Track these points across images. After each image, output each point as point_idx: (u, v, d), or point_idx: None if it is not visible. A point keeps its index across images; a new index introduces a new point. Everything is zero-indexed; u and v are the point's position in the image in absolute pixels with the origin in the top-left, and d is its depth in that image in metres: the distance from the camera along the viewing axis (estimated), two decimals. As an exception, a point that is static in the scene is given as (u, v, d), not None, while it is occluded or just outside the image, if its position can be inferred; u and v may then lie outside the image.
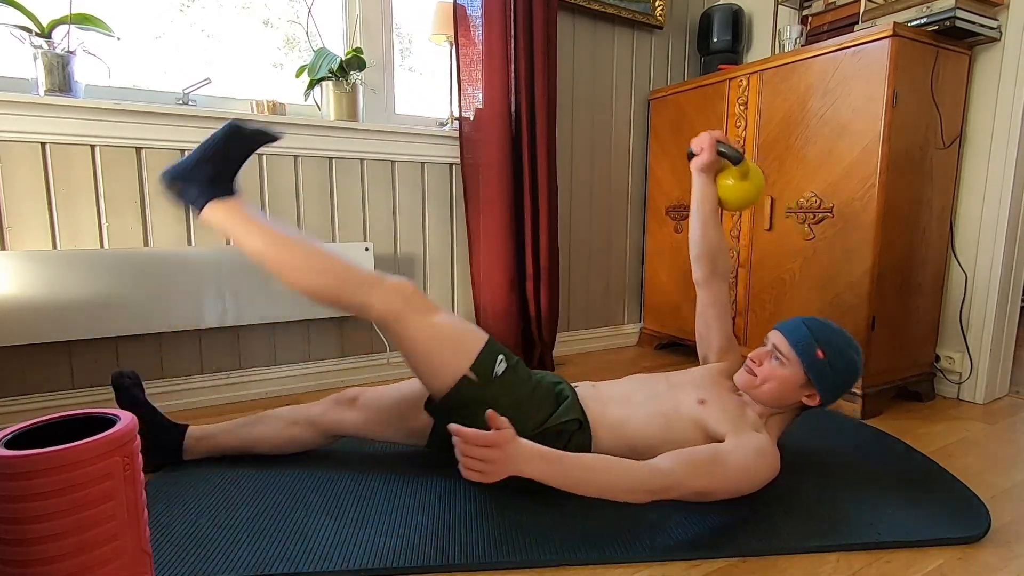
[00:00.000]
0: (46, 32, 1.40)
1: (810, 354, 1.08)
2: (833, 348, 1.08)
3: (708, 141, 1.25)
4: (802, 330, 1.11)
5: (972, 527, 1.01)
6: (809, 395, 1.10)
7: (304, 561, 0.90)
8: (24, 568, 0.60)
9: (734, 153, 1.21)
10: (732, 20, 2.25)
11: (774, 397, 1.10)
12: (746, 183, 1.24)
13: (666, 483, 0.93)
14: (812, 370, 1.07)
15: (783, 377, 1.09)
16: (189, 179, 1.09)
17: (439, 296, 2.03)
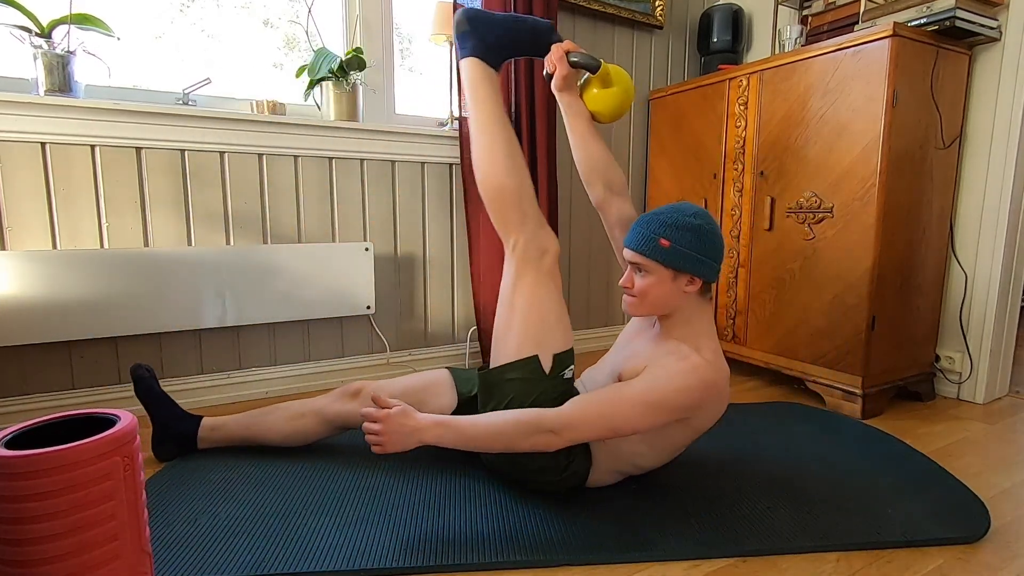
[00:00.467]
0: (46, 32, 1.40)
1: (657, 249, 1.03)
2: (674, 229, 1.03)
3: (557, 54, 1.18)
4: (638, 231, 1.06)
5: (972, 527, 1.01)
6: (689, 281, 1.04)
7: (304, 561, 0.90)
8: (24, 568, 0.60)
9: (588, 61, 1.14)
10: (732, 20, 2.25)
11: (662, 304, 1.06)
12: (612, 88, 1.17)
13: (562, 421, 0.96)
14: (669, 261, 1.03)
15: (653, 284, 1.05)
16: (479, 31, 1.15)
17: (439, 297, 2.03)
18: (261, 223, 1.71)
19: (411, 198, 1.94)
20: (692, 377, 0.98)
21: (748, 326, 1.93)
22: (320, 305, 1.74)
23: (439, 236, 2.00)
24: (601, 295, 2.41)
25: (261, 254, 1.64)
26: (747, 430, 1.47)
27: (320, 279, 1.73)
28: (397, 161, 1.89)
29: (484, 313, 1.97)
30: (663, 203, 2.30)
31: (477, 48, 1.15)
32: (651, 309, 1.07)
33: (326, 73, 1.70)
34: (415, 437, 0.96)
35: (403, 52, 2.04)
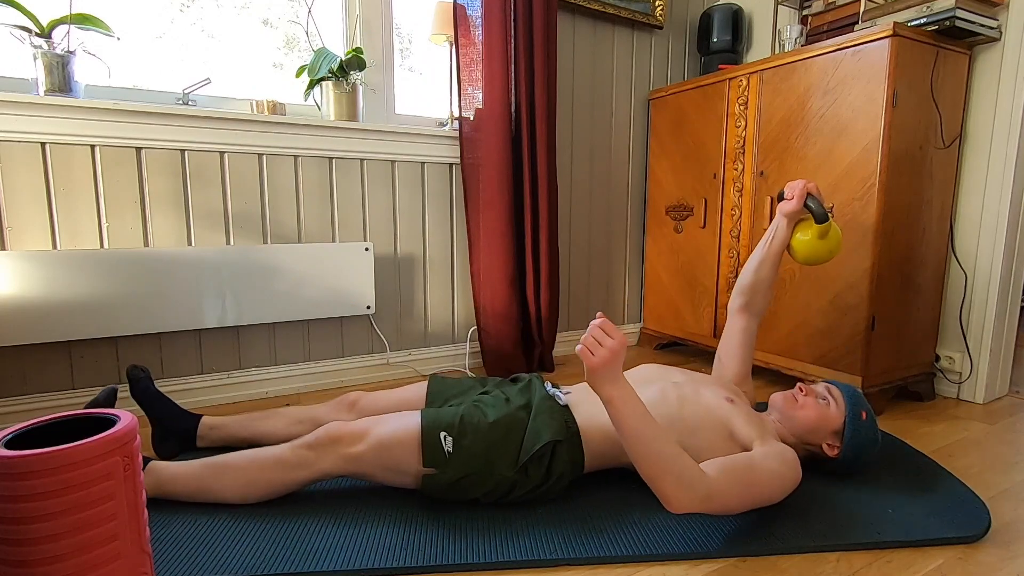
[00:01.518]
0: (46, 32, 1.40)
1: (856, 409, 1.13)
2: (872, 422, 1.14)
3: (800, 190, 1.26)
4: (856, 392, 1.17)
5: (972, 527, 1.01)
6: (831, 444, 1.13)
7: (304, 561, 0.90)
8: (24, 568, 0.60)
9: (819, 210, 1.23)
10: (732, 20, 2.25)
11: (806, 427, 1.13)
12: (821, 243, 1.24)
13: (709, 490, 0.89)
14: (851, 422, 1.12)
15: (824, 413, 1.13)
16: None
17: (439, 297, 2.03)
18: (261, 223, 1.71)
19: (411, 198, 1.94)
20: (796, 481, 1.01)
21: (748, 326, 1.93)
22: (320, 305, 1.74)
23: (439, 236, 2.00)
24: (601, 295, 2.41)
25: (261, 254, 1.64)
26: (747, 430, 1.47)
27: (320, 279, 1.73)
28: (397, 161, 1.89)
29: (484, 313, 1.97)
30: (664, 203, 2.30)
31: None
32: (795, 419, 1.14)
33: (326, 73, 1.70)
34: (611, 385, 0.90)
35: (403, 52, 2.04)
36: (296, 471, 1.03)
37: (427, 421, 1.05)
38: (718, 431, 1.07)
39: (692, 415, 1.09)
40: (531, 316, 2.02)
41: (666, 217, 2.29)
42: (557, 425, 1.08)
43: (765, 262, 1.29)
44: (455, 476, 1.02)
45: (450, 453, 1.03)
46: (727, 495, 0.91)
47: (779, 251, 1.29)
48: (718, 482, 0.90)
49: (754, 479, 0.94)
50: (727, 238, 1.99)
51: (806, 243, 1.26)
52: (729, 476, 0.92)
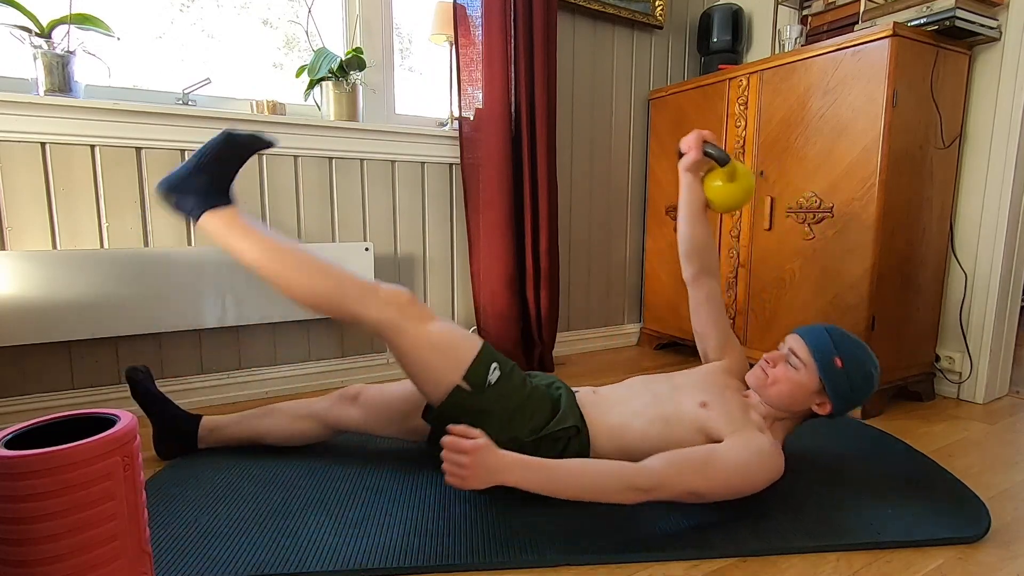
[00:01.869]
0: (46, 32, 1.40)
1: (828, 362, 1.06)
2: (853, 359, 1.07)
3: (694, 140, 1.22)
4: (823, 337, 1.09)
5: (972, 527, 1.01)
6: (820, 403, 1.08)
7: (304, 561, 0.90)
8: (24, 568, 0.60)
9: (720, 154, 1.19)
10: (732, 20, 2.25)
11: (783, 400, 1.09)
12: (732, 185, 1.21)
13: (653, 481, 0.94)
14: (828, 378, 1.06)
15: (796, 381, 1.08)
16: (185, 189, 1.08)
17: (439, 297, 2.03)
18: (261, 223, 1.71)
19: (411, 198, 1.94)
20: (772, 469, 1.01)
21: (748, 326, 1.93)
22: (320, 305, 1.74)
23: (439, 236, 2.00)
24: (601, 295, 2.41)
25: (261, 254, 1.63)
26: (747, 430, 1.47)
27: (320, 279, 1.72)
28: (397, 161, 1.89)
29: (484, 313, 1.97)
30: (664, 203, 2.30)
31: (199, 203, 1.09)
32: (772, 398, 1.10)
33: (326, 73, 1.70)
34: (498, 476, 0.93)
35: (403, 52, 2.04)
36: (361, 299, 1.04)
37: (487, 346, 1.11)
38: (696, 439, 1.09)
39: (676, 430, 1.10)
40: (531, 316, 2.02)
41: (666, 217, 2.29)
42: (579, 415, 1.12)
43: (692, 223, 1.25)
44: (482, 405, 1.04)
45: (491, 384, 1.06)
46: (674, 483, 0.95)
47: (699, 207, 1.24)
48: (661, 472, 0.95)
49: (710, 466, 0.97)
50: (727, 238, 1.99)
51: (718, 189, 1.22)
52: (678, 465, 0.96)
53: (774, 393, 1.10)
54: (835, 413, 1.09)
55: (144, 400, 1.26)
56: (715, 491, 0.97)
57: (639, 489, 0.94)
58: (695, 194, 1.25)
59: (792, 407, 1.10)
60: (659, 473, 0.95)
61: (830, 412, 1.09)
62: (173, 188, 1.09)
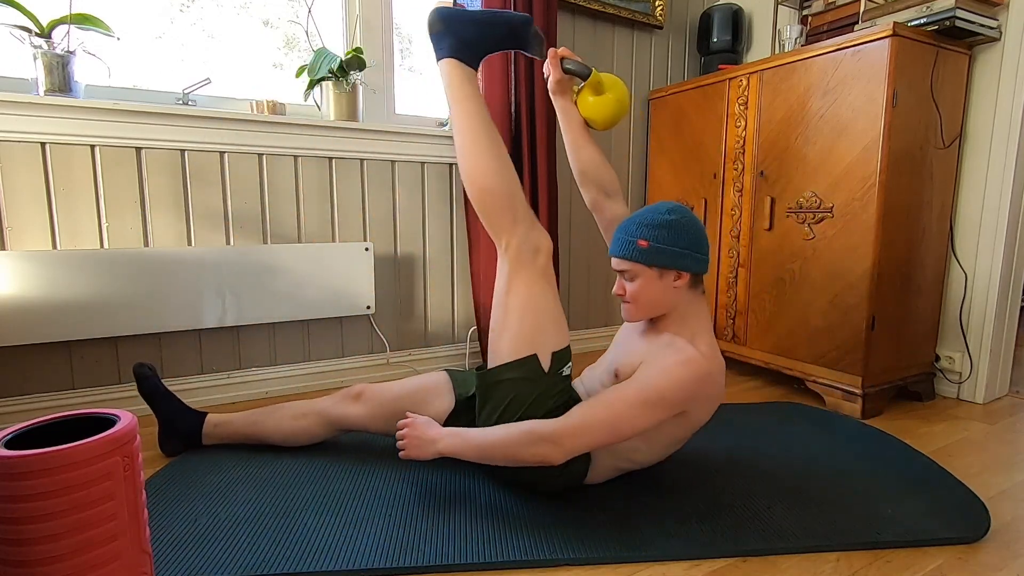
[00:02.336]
0: (46, 32, 1.40)
1: (637, 251, 1.04)
2: (650, 228, 1.04)
3: (552, 58, 1.19)
4: (618, 237, 1.08)
5: (972, 527, 1.01)
6: (676, 277, 1.05)
7: (304, 561, 0.90)
8: (24, 568, 0.60)
9: (579, 68, 1.17)
10: (732, 20, 2.25)
11: (656, 305, 1.07)
12: (602, 97, 1.18)
13: (557, 427, 0.96)
14: (652, 261, 1.03)
15: (642, 286, 1.05)
16: (454, 30, 1.12)
17: (439, 297, 2.03)
18: (261, 223, 1.71)
19: (411, 198, 1.94)
20: (686, 370, 0.98)
21: (748, 326, 1.93)
22: (320, 305, 1.74)
23: (439, 236, 2.00)
24: (601, 295, 2.41)
25: (261, 254, 1.64)
26: (747, 430, 1.47)
27: (320, 279, 1.73)
28: (397, 161, 1.89)
29: (484, 313, 1.97)
30: (663, 203, 2.30)
31: (454, 47, 1.13)
32: (646, 312, 1.08)
33: (326, 73, 1.70)
34: (433, 447, 1.04)
35: (403, 52, 2.04)
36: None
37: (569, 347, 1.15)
38: None
39: None
40: (531, 316, 2.01)
41: (666, 217, 2.29)
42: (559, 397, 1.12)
43: (575, 146, 1.23)
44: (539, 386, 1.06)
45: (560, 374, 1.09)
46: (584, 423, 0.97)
47: (578, 128, 1.23)
48: (566, 419, 0.97)
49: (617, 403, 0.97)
50: (727, 238, 1.99)
51: (590, 105, 1.19)
52: (580, 407, 0.99)
53: (643, 310, 1.07)
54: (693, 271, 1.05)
55: (150, 396, 1.28)
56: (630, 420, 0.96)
57: (547, 440, 0.96)
58: (570, 115, 1.23)
59: (666, 303, 1.07)
60: (565, 422, 0.97)
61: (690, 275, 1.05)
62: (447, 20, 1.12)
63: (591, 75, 1.17)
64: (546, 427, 0.97)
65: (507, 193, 1.10)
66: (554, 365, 1.08)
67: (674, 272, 1.05)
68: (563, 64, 1.19)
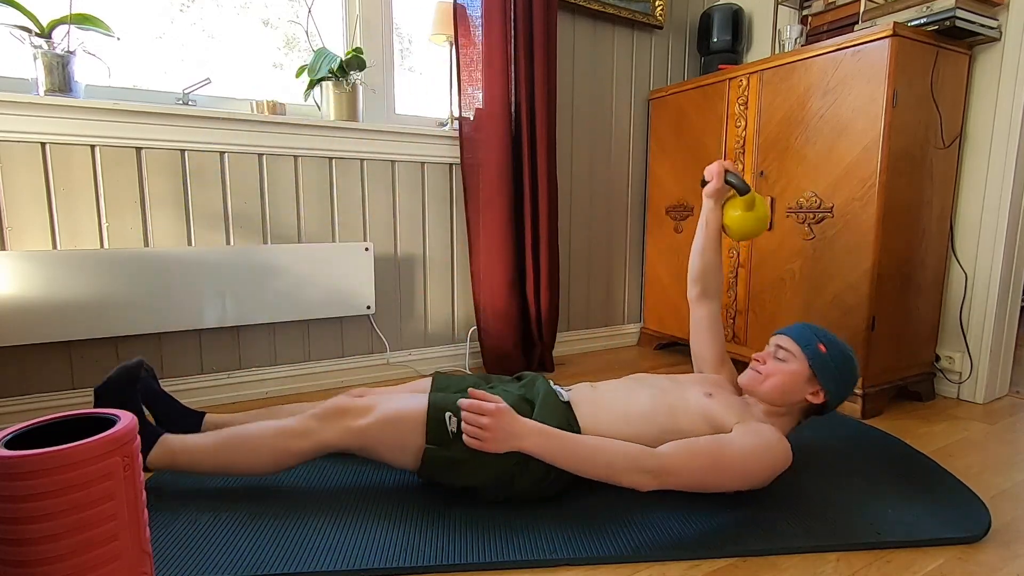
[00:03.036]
0: (46, 32, 1.40)
1: (813, 347, 1.12)
2: (834, 344, 1.13)
3: (717, 169, 1.30)
4: (804, 329, 1.15)
5: (972, 527, 1.01)
6: (814, 392, 1.12)
7: (304, 561, 0.90)
8: (24, 568, 0.60)
9: (740, 184, 1.27)
10: (732, 20, 2.25)
11: (779, 392, 1.12)
12: (749, 214, 1.29)
13: (664, 464, 0.96)
14: (816, 363, 1.11)
15: (788, 371, 1.12)
16: None
17: (439, 297, 2.03)
18: (261, 223, 1.71)
19: (411, 198, 1.94)
20: (781, 458, 1.04)
21: (748, 326, 1.93)
22: (320, 305, 1.74)
23: (439, 236, 2.00)
24: (601, 295, 2.41)
25: (261, 254, 1.64)
26: (747, 430, 1.47)
27: (320, 279, 1.73)
28: (397, 161, 1.89)
29: (484, 313, 1.97)
30: (664, 203, 2.30)
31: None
32: (768, 392, 1.13)
33: (326, 73, 1.70)
34: (515, 441, 0.99)
35: (403, 52, 2.04)
36: (299, 440, 1.04)
37: (435, 401, 1.08)
38: (702, 429, 1.11)
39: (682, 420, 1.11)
40: (531, 316, 2.02)
41: (666, 217, 2.29)
42: (560, 419, 1.09)
43: (707, 246, 1.32)
44: (457, 456, 1.03)
45: (454, 433, 1.04)
46: (686, 468, 0.98)
47: (716, 233, 1.32)
48: (672, 457, 0.98)
49: (720, 454, 1.00)
50: (727, 238, 1.99)
51: (737, 218, 1.29)
52: (688, 451, 0.99)
53: (768, 387, 1.13)
54: (828, 400, 1.12)
55: (147, 398, 1.26)
56: (726, 478, 0.99)
57: (648, 471, 0.96)
58: (714, 218, 1.32)
59: (787, 399, 1.12)
60: (670, 457, 0.97)
61: (824, 400, 1.12)
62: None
63: (749, 194, 1.27)
64: (651, 459, 0.98)
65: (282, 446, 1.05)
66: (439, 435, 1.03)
67: (819, 387, 1.11)
68: (727, 176, 1.28)
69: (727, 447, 1.01)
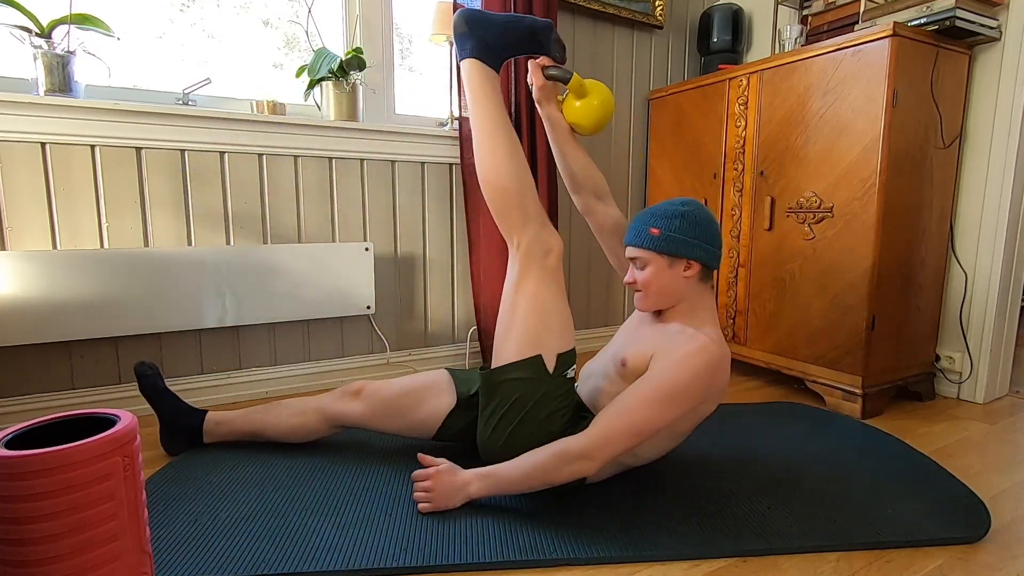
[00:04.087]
0: (46, 32, 1.40)
1: (649, 239, 1.08)
2: (663, 218, 1.08)
3: (533, 68, 1.23)
4: (632, 226, 1.12)
5: (972, 527, 1.01)
6: (686, 267, 1.08)
7: (304, 561, 0.90)
8: (24, 568, 0.60)
9: (562, 73, 1.19)
10: (732, 20, 2.25)
11: (664, 295, 1.10)
12: (586, 101, 1.21)
13: (588, 441, 0.97)
14: (663, 249, 1.07)
15: (653, 274, 1.09)
16: (477, 32, 1.13)
17: (439, 297, 2.03)
18: (261, 223, 1.71)
19: (411, 198, 1.94)
20: (700, 358, 0.99)
21: (748, 326, 1.93)
22: (320, 305, 1.74)
23: (439, 236, 2.00)
24: (601, 295, 2.41)
25: (261, 254, 1.64)
26: (747, 430, 1.47)
27: (320, 279, 1.73)
28: (397, 161, 1.89)
29: (484, 313, 1.97)
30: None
31: (476, 49, 1.14)
32: (657, 300, 1.10)
33: (326, 73, 1.70)
34: (462, 493, 1.04)
35: (403, 52, 2.04)
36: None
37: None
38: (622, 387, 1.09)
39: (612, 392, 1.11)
40: (531, 316, 2.01)
41: (666, 217, 2.29)
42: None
43: (562, 152, 1.26)
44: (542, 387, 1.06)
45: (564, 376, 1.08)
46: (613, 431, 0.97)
47: (564, 134, 1.26)
48: (593, 431, 0.98)
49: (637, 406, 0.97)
50: (727, 238, 1.99)
51: (576, 110, 1.22)
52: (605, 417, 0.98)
53: (653, 298, 1.10)
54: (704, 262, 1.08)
55: (151, 395, 1.28)
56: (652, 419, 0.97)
57: (577, 457, 0.97)
58: (556, 123, 1.26)
59: (677, 293, 1.09)
60: (591, 432, 0.97)
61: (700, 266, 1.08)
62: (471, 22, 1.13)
63: (572, 79, 1.19)
64: (575, 444, 0.98)
65: (520, 193, 1.10)
66: (559, 367, 1.08)
67: (684, 261, 1.08)
68: (544, 71, 1.22)
69: (636, 388, 0.99)
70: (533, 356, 1.07)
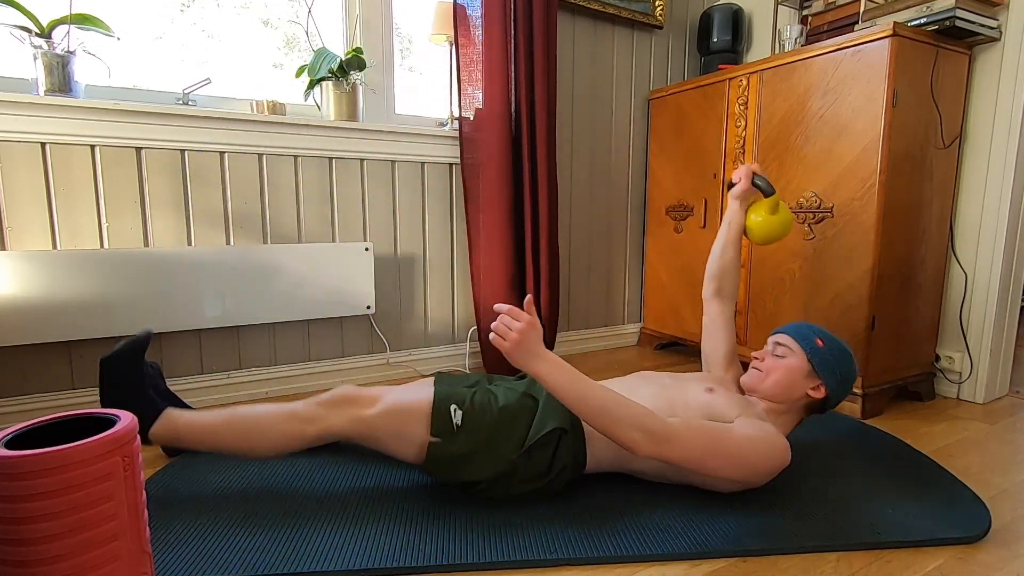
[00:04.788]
0: (46, 32, 1.40)
1: (811, 342, 1.13)
2: (831, 339, 1.15)
3: (745, 171, 1.33)
4: (801, 326, 1.17)
5: (972, 527, 1.01)
6: (814, 387, 1.12)
7: (304, 561, 0.90)
8: (24, 568, 0.60)
9: (766, 186, 1.30)
10: (732, 20, 2.25)
11: (781, 388, 1.12)
12: (772, 218, 1.31)
13: (666, 431, 0.94)
14: (814, 357, 1.12)
15: (787, 366, 1.12)
16: None
17: (439, 297, 2.03)
18: (261, 223, 1.71)
19: (411, 198, 1.94)
20: (780, 454, 1.02)
21: (748, 326, 1.93)
22: (320, 305, 1.74)
23: (439, 236, 2.00)
24: (601, 295, 2.41)
25: (261, 254, 1.64)
26: (747, 430, 1.47)
27: (320, 279, 1.73)
28: (397, 161, 1.89)
29: (484, 313, 1.97)
30: (664, 203, 2.30)
31: None
32: (771, 390, 1.13)
33: (326, 73, 1.70)
34: (532, 359, 0.95)
35: (403, 52, 2.04)
36: (305, 425, 1.07)
37: (440, 392, 1.10)
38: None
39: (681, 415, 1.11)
40: (531, 316, 2.01)
41: (666, 217, 2.29)
42: (563, 414, 1.10)
43: (728, 247, 1.33)
44: (460, 450, 1.04)
45: (458, 426, 1.05)
46: (687, 440, 0.95)
47: (738, 233, 1.34)
48: (674, 426, 0.95)
49: (721, 437, 0.98)
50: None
51: (760, 222, 1.32)
52: (690, 426, 0.97)
53: (770, 383, 1.13)
54: (829, 395, 1.12)
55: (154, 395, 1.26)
56: (724, 463, 0.98)
57: (647, 431, 0.93)
58: (737, 220, 1.34)
59: (789, 395, 1.13)
60: (674, 426, 0.96)
61: (825, 395, 1.12)
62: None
63: (774, 195, 1.30)
64: (653, 421, 0.94)
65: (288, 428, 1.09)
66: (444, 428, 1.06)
67: (819, 381, 1.12)
68: (754, 179, 1.32)
69: (728, 432, 1.00)
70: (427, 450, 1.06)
